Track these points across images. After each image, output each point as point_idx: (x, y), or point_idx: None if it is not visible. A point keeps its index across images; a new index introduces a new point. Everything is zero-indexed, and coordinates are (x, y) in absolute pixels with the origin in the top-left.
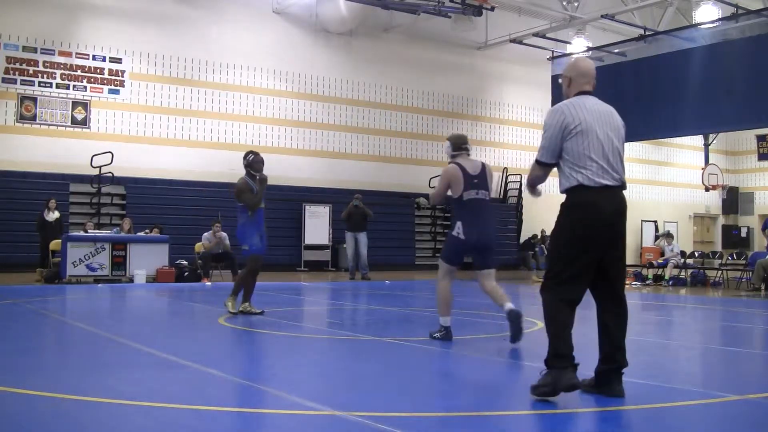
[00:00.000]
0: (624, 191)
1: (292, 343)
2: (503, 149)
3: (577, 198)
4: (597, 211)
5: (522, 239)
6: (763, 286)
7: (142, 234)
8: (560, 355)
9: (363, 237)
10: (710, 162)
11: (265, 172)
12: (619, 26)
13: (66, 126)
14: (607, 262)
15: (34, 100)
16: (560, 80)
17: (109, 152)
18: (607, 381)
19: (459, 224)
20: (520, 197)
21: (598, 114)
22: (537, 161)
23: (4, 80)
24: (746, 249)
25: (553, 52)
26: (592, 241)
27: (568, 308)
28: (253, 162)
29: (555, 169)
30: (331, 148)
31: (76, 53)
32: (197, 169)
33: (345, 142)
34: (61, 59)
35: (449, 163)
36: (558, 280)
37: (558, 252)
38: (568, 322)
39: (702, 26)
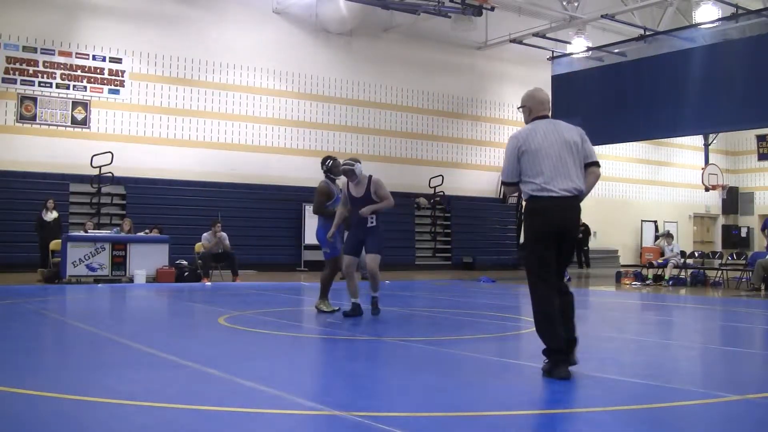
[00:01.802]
0: (576, 198)
1: (292, 343)
2: (503, 149)
3: (531, 206)
4: (547, 217)
5: (522, 239)
6: (762, 286)
7: (142, 234)
8: (553, 350)
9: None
10: (710, 162)
11: (264, 172)
12: (619, 26)
13: (66, 126)
14: (562, 256)
15: (34, 100)
16: (520, 109)
17: (109, 152)
18: (565, 363)
19: (374, 217)
20: (520, 198)
21: (551, 136)
22: (502, 182)
23: (4, 80)
24: (746, 249)
25: (553, 52)
26: (547, 239)
27: (554, 298)
28: (332, 167)
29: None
30: (331, 148)
31: (76, 53)
32: (197, 169)
33: (345, 142)
34: (61, 59)
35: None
36: (537, 273)
37: (530, 251)
38: (557, 314)
39: (702, 26)
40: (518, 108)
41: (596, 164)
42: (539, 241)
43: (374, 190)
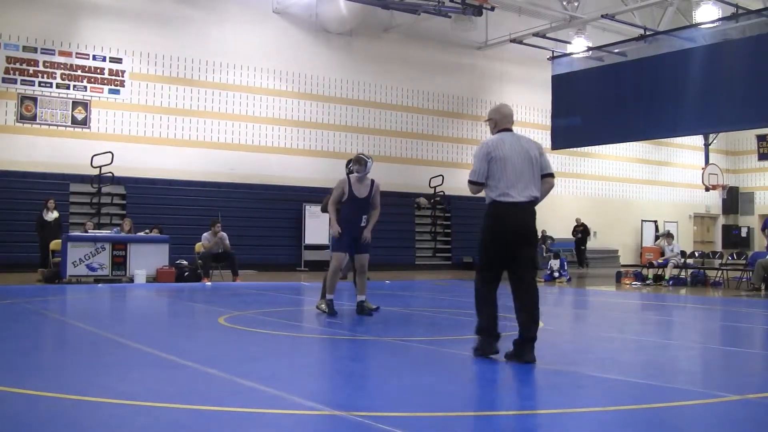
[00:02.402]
0: (532, 204)
1: (293, 343)
2: None
3: (492, 210)
4: (504, 221)
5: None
6: (763, 286)
7: (142, 234)
8: (484, 328)
9: None
10: (710, 162)
11: (264, 172)
12: (619, 26)
13: (66, 126)
14: (519, 258)
15: (34, 100)
16: (487, 122)
17: (110, 152)
18: (521, 351)
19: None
20: None
21: (514, 148)
22: (469, 180)
23: (4, 80)
24: (746, 249)
25: (553, 52)
26: (502, 242)
27: (492, 291)
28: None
29: (561, 171)
30: (331, 148)
31: (77, 53)
32: (197, 169)
33: (345, 142)
34: (62, 59)
35: None
36: (484, 269)
37: (483, 249)
38: (492, 302)
39: (702, 26)
40: (485, 121)
41: (551, 175)
42: (494, 241)
43: (374, 194)
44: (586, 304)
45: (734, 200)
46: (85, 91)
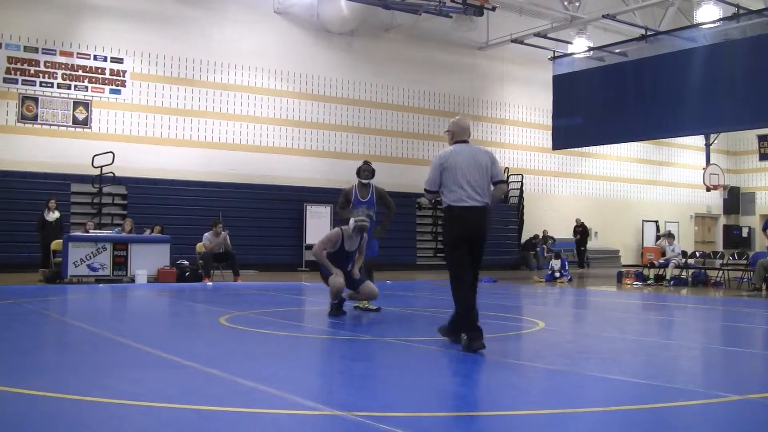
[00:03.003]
0: (484, 209)
1: (293, 343)
2: (504, 149)
3: (449, 213)
4: (461, 223)
5: (523, 239)
6: (764, 286)
7: (143, 234)
8: (467, 324)
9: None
10: (711, 162)
11: (265, 172)
12: (620, 26)
13: (67, 126)
14: (473, 256)
15: (35, 100)
16: (446, 133)
17: (111, 152)
18: (469, 340)
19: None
20: (521, 198)
21: (467, 158)
22: (424, 189)
23: (5, 80)
24: (747, 249)
25: (554, 52)
26: (462, 240)
27: (466, 285)
28: (358, 171)
29: (562, 171)
30: (332, 148)
31: (78, 53)
32: (198, 169)
33: (346, 142)
34: (63, 59)
35: None
36: (455, 266)
37: (449, 249)
38: (469, 297)
39: (703, 26)
40: (444, 132)
41: (502, 182)
42: (456, 241)
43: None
44: (587, 304)
45: (735, 200)
46: (86, 91)
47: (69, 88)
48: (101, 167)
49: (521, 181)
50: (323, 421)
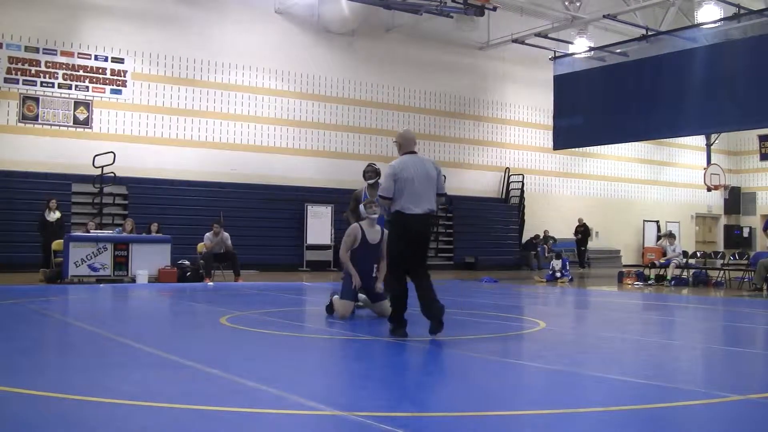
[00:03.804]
0: (429, 216)
1: (294, 343)
2: (505, 149)
3: (397, 219)
4: (407, 229)
5: (524, 239)
6: (765, 286)
7: (144, 234)
8: (397, 317)
9: None
10: (712, 162)
11: (266, 172)
12: (621, 26)
13: (68, 126)
14: (421, 257)
15: (36, 100)
16: (395, 143)
17: (111, 152)
18: (431, 330)
19: None
20: (522, 198)
21: (416, 168)
22: (380, 196)
23: (6, 80)
24: (748, 249)
25: (555, 52)
26: (407, 243)
27: (404, 284)
28: (364, 173)
29: (563, 171)
30: (333, 148)
31: (78, 53)
32: (199, 169)
33: (347, 142)
34: (63, 59)
35: None
36: (397, 266)
37: (394, 250)
38: (404, 295)
39: (704, 26)
40: (393, 141)
41: (442, 195)
42: (402, 244)
43: (382, 242)
44: (588, 304)
45: (736, 200)
46: (87, 91)
47: (70, 88)
48: (102, 167)
49: (522, 181)
50: (324, 421)
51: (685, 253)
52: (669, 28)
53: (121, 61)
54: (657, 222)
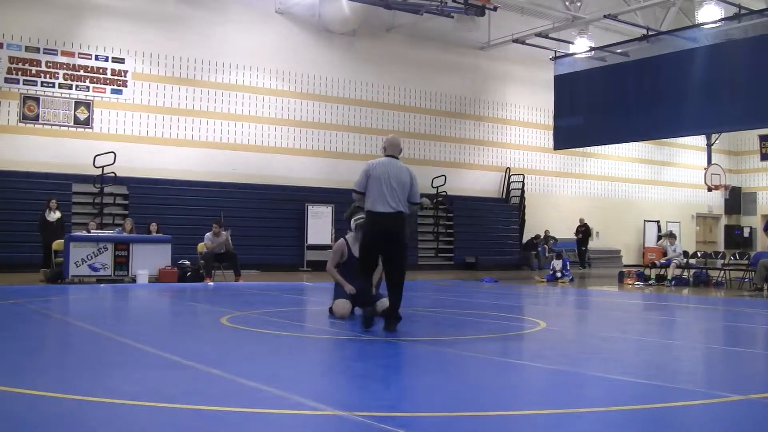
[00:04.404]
0: (391, 215)
1: (294, 343)
2: (506, 149)
3: (368, 217)
4: (373, 225)
5: (525, 239)
6: (765, 286)
7: (146, 234)
8: (366, 299)
9: None
10: (713, 162)
11: (267, 172)
12: (621, 26)
13: (69, 126)
14: (390, 253)
15: (36, 100)
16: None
17: (112, 152)
18: (389, 323)
19: None
20: (522, 198)
21: (391, 171)
22: (353, 189)
23: (6, 80)
24: (749, 249)
25: (555, 52)
26: (374, 241)
27: (368, 279)
28: None
29: (563, 171)
30: (334, 148)
31: (79, 53)
32: (200, 169)
33: (347, 142)
34: (64, 59)
35: None
36: (363, 262)
37: (363, 246)
38: (368, 286)
39: (705, 26)
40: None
41: (415, 204)
42: (368, 239)
43: None
44: (588, 304)
45: (737, 200)
46: (88, 91)
47: (70, 88)
48: (103, 167)
49: (522, 181)
50: (324, 422)
51: (685, 253)
52: (669, 28)
53: (121, 61)
54: (657, 222)
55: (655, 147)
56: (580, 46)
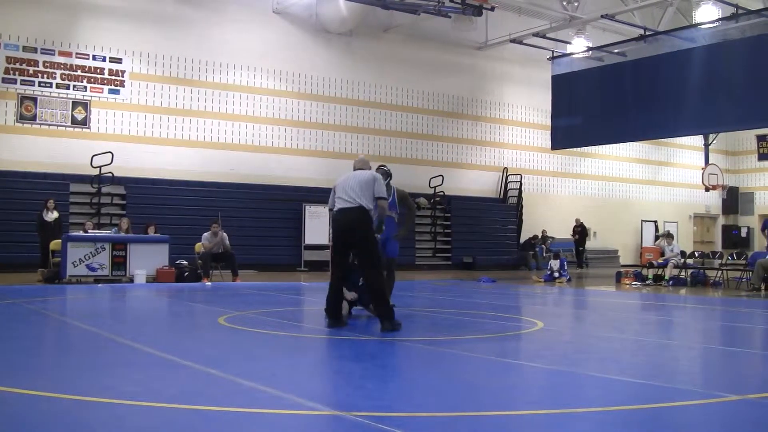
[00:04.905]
0: (351, 210)
1: (292, 343)
2: (503, 149)
3: (332, 218)
4: (335, 223)
5: (522, 239)
6: (763, 286)
7: (143, 234)
8: (329, 308)
9: None
10: (710, 162)
11: (264, 172)
12: (619, 26)
13: (66, 126)
14: (358, 252)
15: (34, 100)
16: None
17: (109, 152)
18: (383, 324)
19: None
20: (520, 198)
21: (350, 178)
22: (328, 209)
23: (4, 80)
24: (746, 249)
25: (553, 52)
26: (336, 236)
27: (337, 279)
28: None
29: (561, 171)
30: (331, 148)
31: (76, 53)
32: (197, 169)
33: (345, 142)
34: (61, 59)
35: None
36: (332, 261)
37: (332, 246)
38: (337, 288)
39: (702, 26)
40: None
41: (381, 198)
42: (334, 238)
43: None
44: (586, 304)
45: (734, 200)
46: (85, 91)
47: (68, 88)
48: (100, 167)
49: (520, 181)
50: (323, 422)
51: (683, 253)
52: (667, 28)
53: (119, 61)
54: (655, 222)
55: (652, 147)
56: (578, 46)
